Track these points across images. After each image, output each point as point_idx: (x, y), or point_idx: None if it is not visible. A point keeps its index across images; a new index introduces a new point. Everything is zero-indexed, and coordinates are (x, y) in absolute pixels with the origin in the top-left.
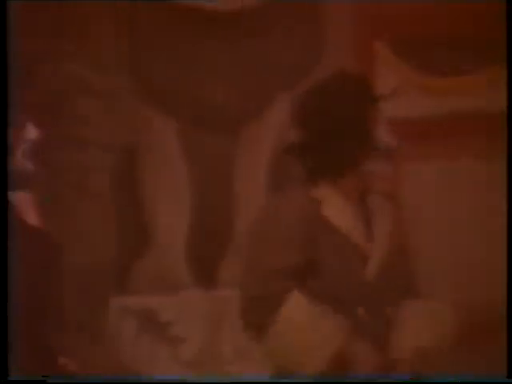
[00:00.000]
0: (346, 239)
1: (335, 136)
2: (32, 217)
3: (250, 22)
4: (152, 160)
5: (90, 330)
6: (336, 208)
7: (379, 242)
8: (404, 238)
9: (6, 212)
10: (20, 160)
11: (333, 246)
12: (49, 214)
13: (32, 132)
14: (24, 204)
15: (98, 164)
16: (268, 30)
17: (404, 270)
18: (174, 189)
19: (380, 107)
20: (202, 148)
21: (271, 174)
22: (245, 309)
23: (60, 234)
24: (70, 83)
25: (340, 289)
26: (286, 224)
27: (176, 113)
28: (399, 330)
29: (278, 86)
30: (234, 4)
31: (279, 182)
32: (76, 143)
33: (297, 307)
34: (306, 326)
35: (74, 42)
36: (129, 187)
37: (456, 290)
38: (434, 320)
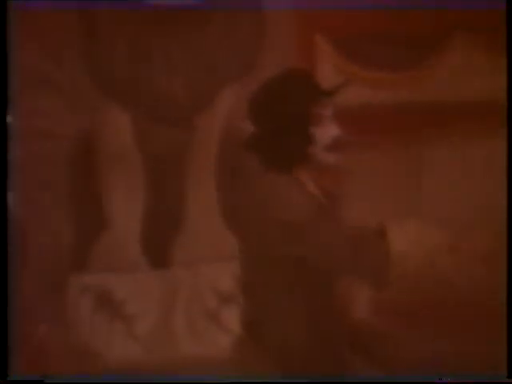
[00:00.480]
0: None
1: (285, 132)
2: None
3: (197, 19)
4: (108, 149)
5: (51, 307)
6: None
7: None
8: None
9: (6, 209)
10: None
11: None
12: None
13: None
14: None
15: (58, 153)
16: (215, 27)
17: None
18: (129, 175)
19: (326, 102)
20: (154, 137)
21: (221, 161)
22: None
23: (24, 218)
24: (33, 78)
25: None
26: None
27: (131, 104)
28: None
29: (226, 80)
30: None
31: (228, 169)
32: (35, 134)
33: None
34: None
35: (38, 40)
36: (86, 174)
37: None
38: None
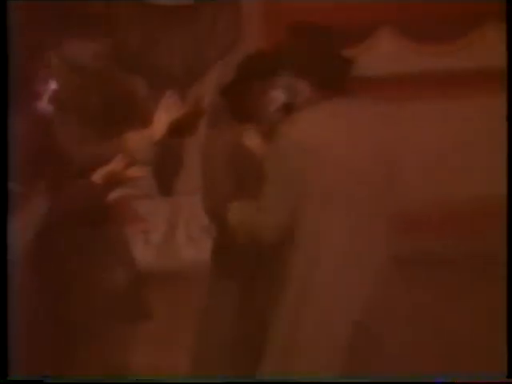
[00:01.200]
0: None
1: (246, 94)
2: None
3: (191, 13)
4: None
5: None
6: (254, 140)
7: None
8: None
9: (7, 196)
10: (45, 104)
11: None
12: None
13: (53, 85)
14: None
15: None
16: (205, 19)
17: None
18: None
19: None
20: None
21: (210, 116)
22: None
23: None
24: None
25: None
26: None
27: (144, 74)
28: None
29: (214, 57)
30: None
31: (214, 122)
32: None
33: None
34: None
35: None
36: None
37: None
38: None
